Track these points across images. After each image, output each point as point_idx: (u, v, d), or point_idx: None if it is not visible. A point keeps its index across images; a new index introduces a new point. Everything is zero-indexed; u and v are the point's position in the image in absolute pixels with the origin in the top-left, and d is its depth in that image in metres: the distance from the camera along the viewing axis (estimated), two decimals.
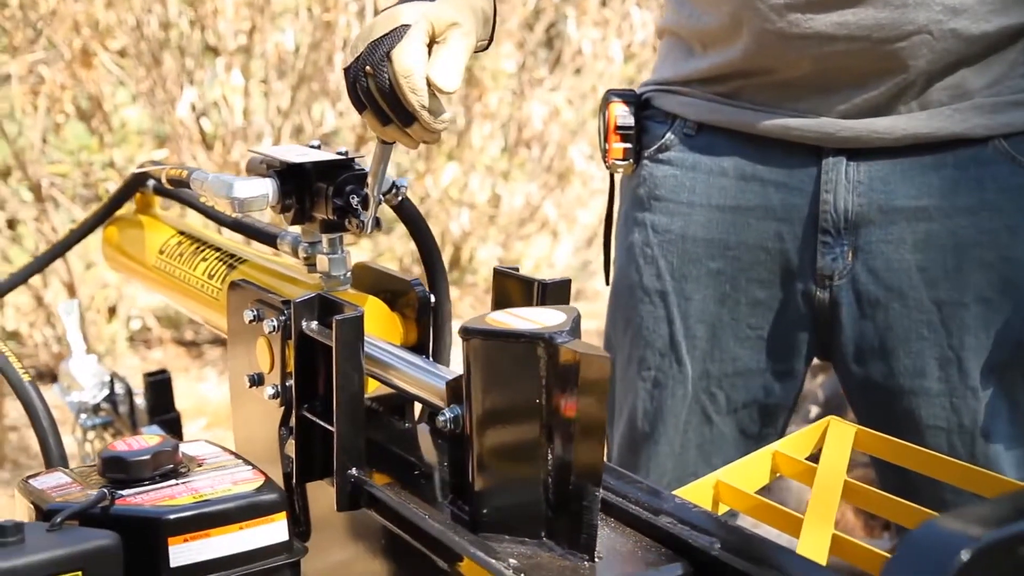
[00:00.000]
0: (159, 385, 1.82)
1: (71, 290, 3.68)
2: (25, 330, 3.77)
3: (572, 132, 4.51)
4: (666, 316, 1.39)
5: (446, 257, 4.38)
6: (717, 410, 1.39)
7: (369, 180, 1.12)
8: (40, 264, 1.62)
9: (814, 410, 2.68)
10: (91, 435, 1.89)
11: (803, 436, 1.05)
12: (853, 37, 1.26)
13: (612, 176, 1.49)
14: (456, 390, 0.89)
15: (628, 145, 1.41)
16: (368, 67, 1.02)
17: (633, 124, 1.41)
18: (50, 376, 3.45)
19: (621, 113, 1.41)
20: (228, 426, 1.22)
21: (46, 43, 3.63)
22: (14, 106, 3.67)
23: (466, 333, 0.85)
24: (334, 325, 0.95)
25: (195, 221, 1.65)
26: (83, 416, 1.88)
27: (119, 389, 1.87)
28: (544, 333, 0.82)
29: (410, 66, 1.01)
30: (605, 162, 1.43)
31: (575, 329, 0.84)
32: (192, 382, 3.92)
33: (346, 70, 1.04)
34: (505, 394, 0.85)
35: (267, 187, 1.14)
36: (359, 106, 1.06)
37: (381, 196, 1.13)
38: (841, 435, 1.03)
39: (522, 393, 0.83)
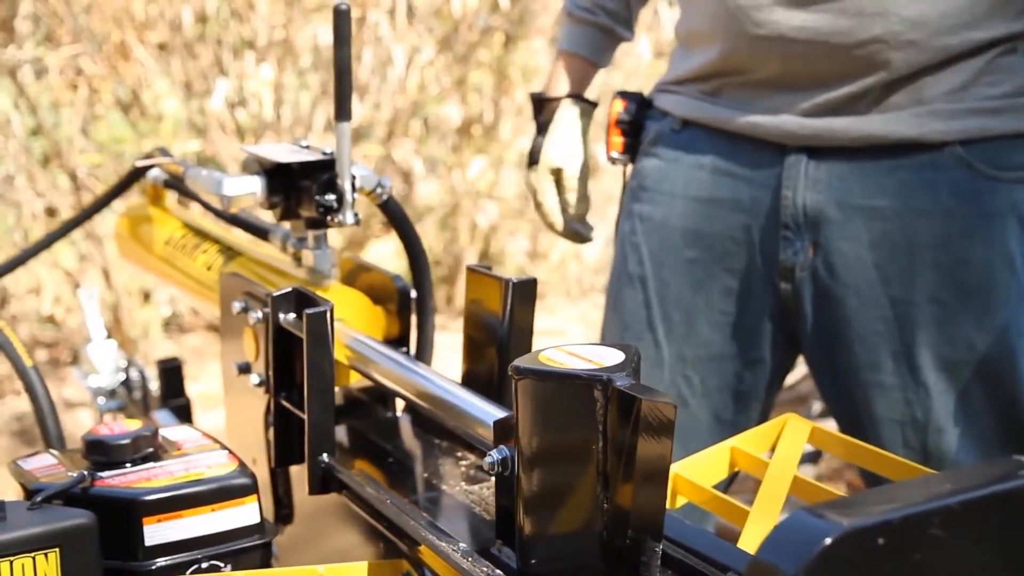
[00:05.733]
0: (171, 372, 1.88)
1: (106, 275, 3.76)
2: (60, 315, 3.86)
3: (601, 128, 4.51)
4: (644, 300, 1.45)
5: (475, 251, 4.43)
6: (692, 393, 1.44)
7: (337, 168, 1.16)
8: (37, 249, 1.65)
9: (816, 406, 2.70)
10: (107, 418, 1.96)
11: (762, 432, 1.08)
12: (812, 41, 1.30)
13: (624, 172, 1.57)
14: (505, 429, 0.84)
15: (626, 139, 1.48)
16: None
17: (630, 120, 1.49)
18: None
19: (621, 109, 1.49)
20: None
21: (86, 35, 3.71)
22: (56, 98, 3.75)
23: (518, 372, 0.78)
24: (304, 318, 1.00)
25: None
26: (100, 399, 1.95)
27: (134, 375, 1.93)
28: (602, 375, 0.75)
29: None
30: (608, 155, 1.50)
31: (635, 370, 0.78)
32: None
33: None
34: (558, 438, 0.78)
35: (254, 185, 1.19)
36: None
37: (353, 188, 1.17)
38: (797, 431, 1.06)
39: (577, 437, 0.77)
